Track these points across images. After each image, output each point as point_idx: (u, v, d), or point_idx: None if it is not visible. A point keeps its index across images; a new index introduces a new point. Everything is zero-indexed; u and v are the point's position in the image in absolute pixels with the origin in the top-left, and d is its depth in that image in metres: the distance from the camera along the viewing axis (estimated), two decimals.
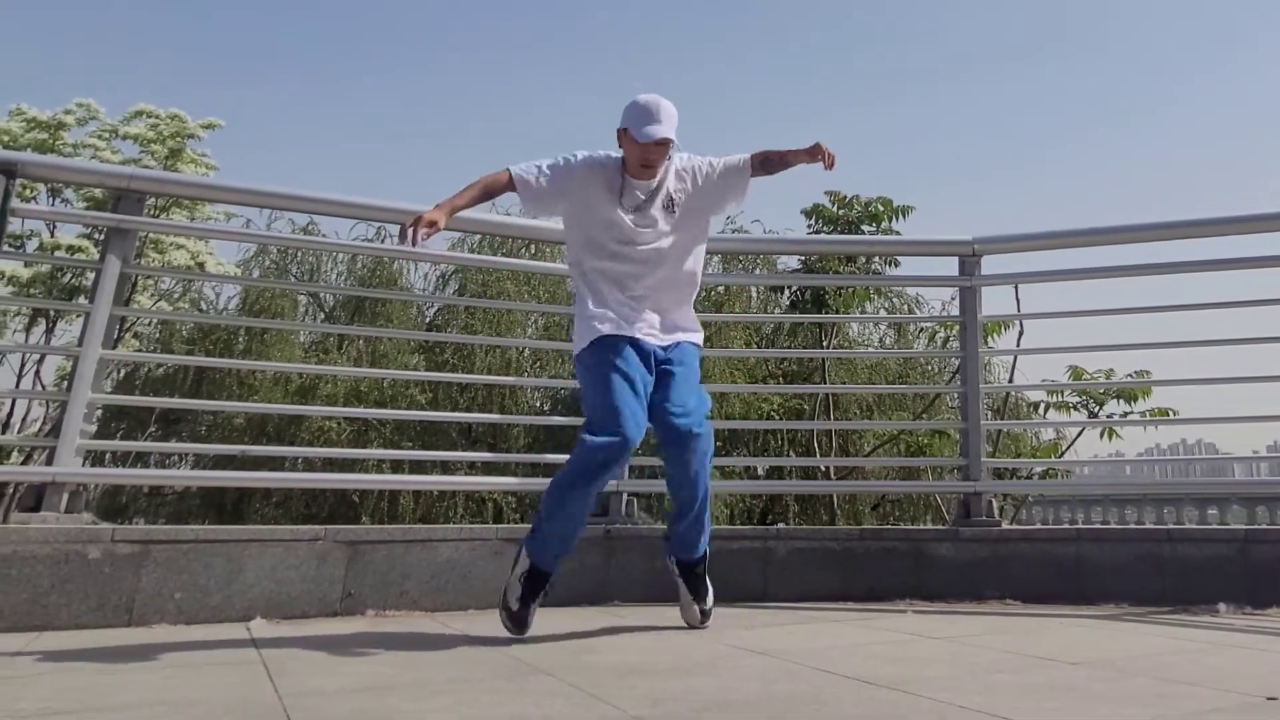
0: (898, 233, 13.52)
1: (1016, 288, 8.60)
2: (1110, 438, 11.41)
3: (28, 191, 14.44)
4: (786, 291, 16.59)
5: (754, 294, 19.21)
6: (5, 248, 5.74)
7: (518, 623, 5.01)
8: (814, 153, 5.39)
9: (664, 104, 5.28)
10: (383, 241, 18.69)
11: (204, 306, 19.63)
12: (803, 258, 14.04)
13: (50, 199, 15.69)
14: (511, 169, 5.32)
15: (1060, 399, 12.86)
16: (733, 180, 5.58)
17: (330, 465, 15.65)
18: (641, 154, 5.25)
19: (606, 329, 5.17)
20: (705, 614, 5.31)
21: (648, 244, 5.34)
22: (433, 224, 5.00)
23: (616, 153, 5.46)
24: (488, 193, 5.37)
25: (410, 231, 4.90)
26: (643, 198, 5.33)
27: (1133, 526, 12.99)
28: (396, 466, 15.03)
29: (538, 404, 19.17)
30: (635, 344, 5.20)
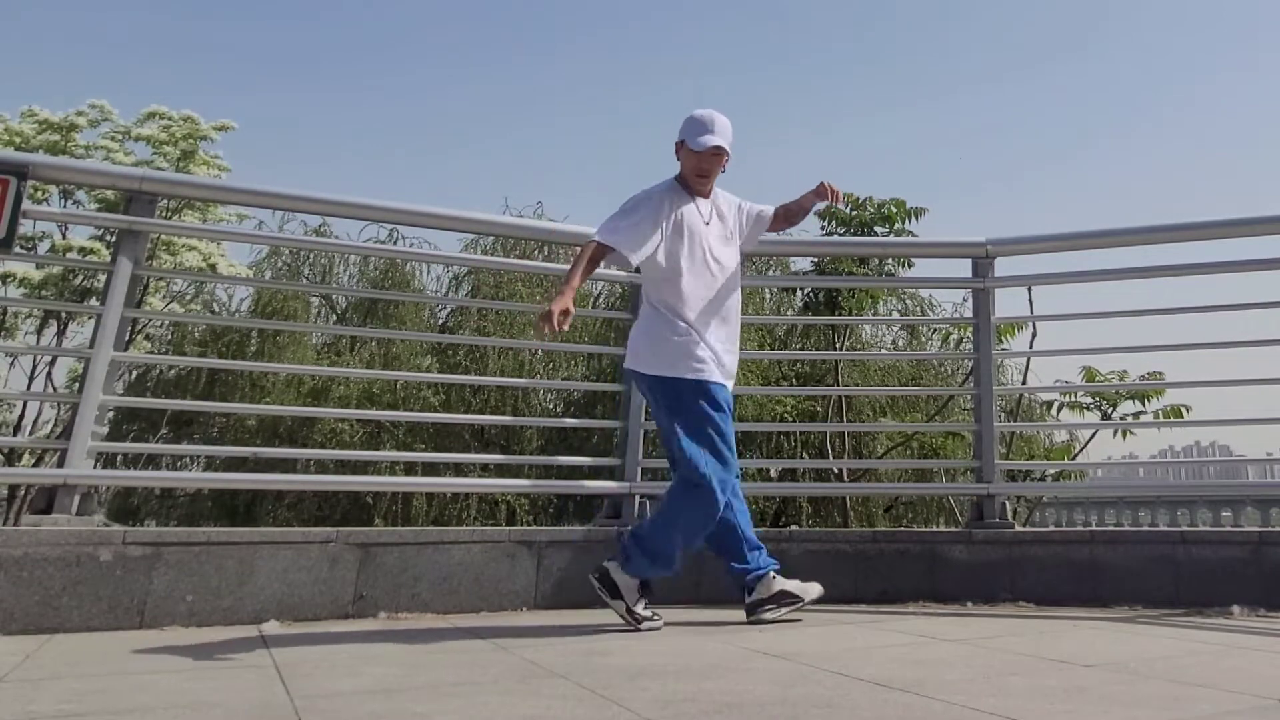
0: (911, 234, 13.50)
1: (1030, 289, 8.59)
2: (1124, 438, 11.37)
3: (39, 193, 14.46)
4: (799, 293, 16.59)
5: (767, 295, 19.10)
6: (17, 249, 5.74)
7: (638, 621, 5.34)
8: (821, 193, 5.80)
9: (719, 117, 5.55)
10: (395, 243, 18.67)
11: (216, 308, 19.60)
12: (816, 259, 14.01)
13: (62, 201, 15.70)
14: (598, 238, 5.47)
15: (1073, 400, 12.84)
16: (756, 229, 5.95)
17: (343, 467, 15.62)
18: (697, 163, 5.52)
19: (711, 374, 5.42)
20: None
21: (725, 259, 5.62)
22: (565, 310, 5.19)
23: (666, 179, 5.67)
24: (593, 264, 5.55)
25: (547, 326, 5.12)
26: (708, 215, 5.61)
27: (1146, 529, 12.93)
28: (409, 468, 14.97)
29: (551, 405, 19.12)
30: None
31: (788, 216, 5.99)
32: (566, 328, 5.21)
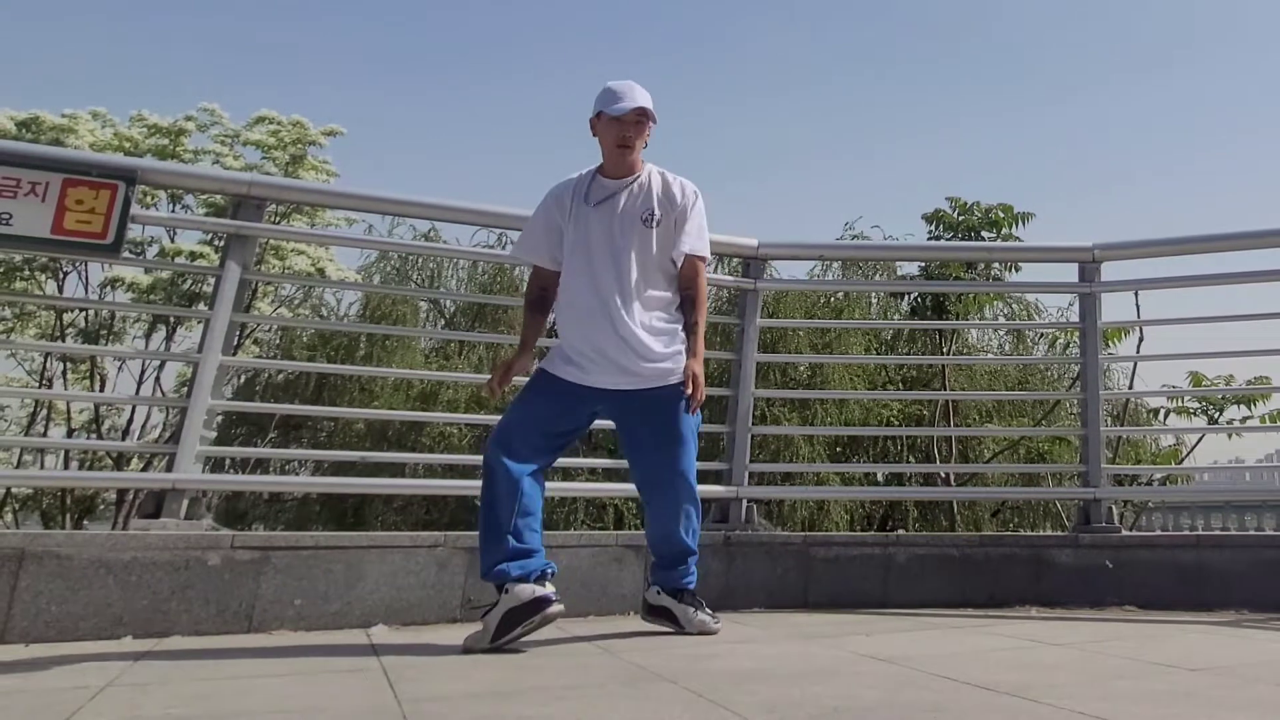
0: (1018, 239, 13.45)
1: (1137, 294, 8.54)
2: (1231, 439, 11.30)
3: (148, 198, 14.62)
4: (906, 298, 16.52)
5: (874, 300, 19.04)
6: (125, 254, 5.79)
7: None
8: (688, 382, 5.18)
9: (634, 84, 5.15)
10: (504, 248, 18.73)
11: (324, 313, 19.76)
12: (923, 264, 13.96)
13: (170, 205, 15.85)
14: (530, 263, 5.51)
15: (1180, 404, 12.73)
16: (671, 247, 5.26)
17: (451, 471, 15.67)
18: (620, 132, 5.13)
19: (563, 373, 5.34)
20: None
21: (630, 243, 5.17)
22: (507, 367, 5.35)
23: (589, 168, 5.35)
24: (535, 305, 5.57)
25: (495, 384, 5.31)
26: (608, 196, 5.21)
27: (1253, 533, 12.82)
28: None
29: None
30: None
31: (684, 287, 5.32)
32: (505, 388, 5.36)
